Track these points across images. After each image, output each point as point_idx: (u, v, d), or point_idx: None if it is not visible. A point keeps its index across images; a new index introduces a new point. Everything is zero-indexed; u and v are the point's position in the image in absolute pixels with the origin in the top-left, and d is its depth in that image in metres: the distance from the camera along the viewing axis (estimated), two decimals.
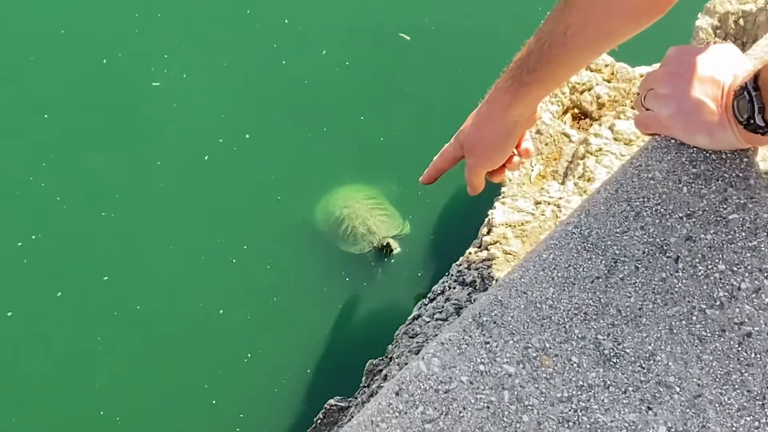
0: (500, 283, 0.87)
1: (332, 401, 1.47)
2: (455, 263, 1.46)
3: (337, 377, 1.66)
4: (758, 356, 0.78)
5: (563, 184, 1.52)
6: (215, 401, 1.66)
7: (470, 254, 1.45)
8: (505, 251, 1.39)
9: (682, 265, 0.84)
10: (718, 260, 0.83)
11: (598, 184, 1.39)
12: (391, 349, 1.43)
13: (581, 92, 1.64)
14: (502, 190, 1.54)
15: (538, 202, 1.48)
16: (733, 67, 0.87)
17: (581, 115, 1.66)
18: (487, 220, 1.49)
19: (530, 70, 0.92)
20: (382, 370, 1.42)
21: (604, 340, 0.80)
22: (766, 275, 0.82)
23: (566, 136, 1.60)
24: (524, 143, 1.09)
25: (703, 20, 1.56)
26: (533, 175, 1.56)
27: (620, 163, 1.45)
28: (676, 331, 0.80)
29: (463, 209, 1.83)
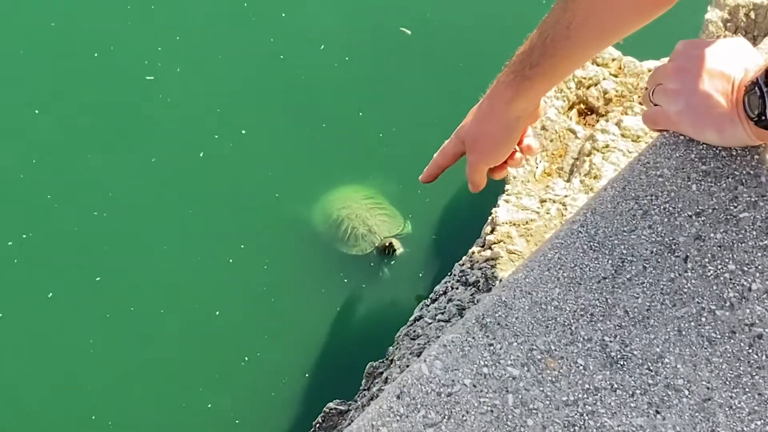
0: (504, 283, 0.87)
1: (331, 405, 1.47)
2: (458, 263, 1.46)
3: (336, 380, 1.66)
4: None
5: (569, 181, 1.53)
6: (211, 405, 1.66)
7: (473, 254, 1.45)
8: (509, 250, 1.40)
9: (691, 264, 0.84)
10: (728, 260, 0.84)
11: (604, 181, 1.40)
12: (391, 351, 1.43)
13: (587, 87, 1.64)
14: (506, 187, 1.54)
15: (543, 200, 1.48)
16: (743, 61, 0.87)
17: (587, 110, 1.66)
18: (490, 218, 1.49)
19: (533, 64, 0.92)
20: (382, 372, 1.42)
21: (610, 342, 0.81)
22: None
23: (572, 132, 1.60)
24: (526, 139, 1.09)
25: (712, 13, 1.56)
26: (538, 172, 1.56)
27: (627, 160, 1.46)
28: (684, 332, 0.81)
29: (465, 207, 1.83)
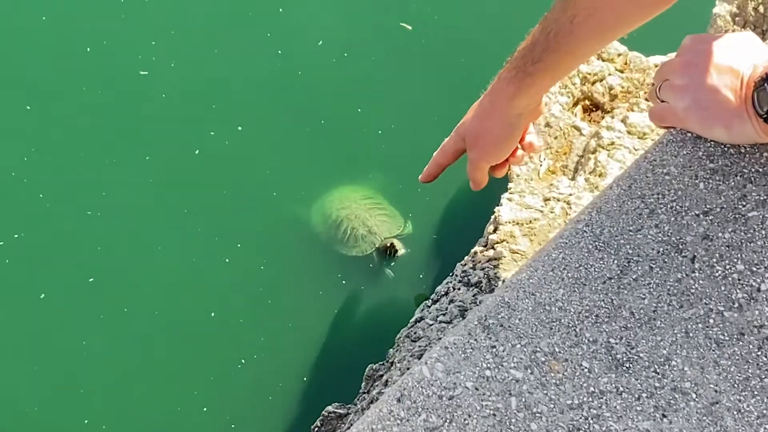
0: (507, 283, 0.87)
1: (330, 408, 1.47)
2: (460, 263, 1.46)
3: (335, 383, 1.66)
4: None
5: (573, 179, 1.53)
6: (206, 409, 1.66)
7: (476, 253, 1.45)
8: (512, 250, 1.40)
9: (698, 265, 0.84)
10: (736, 260, 0.83)
11: (610, 179, 1.40)
12: (392, 353, 1.43)
13: (592, 83, 1.64)
14: (509, 186, 1.54)
15: (547, 198, 1.48)
16: (752, 56, 0.87)
17: (592, 107, 1.66)
18: (493, 217, 1.49)
19: (535, 59, 0.92)
20: (382, 375, 1.42)
21: (616, 344, 0.81)
22: None
23: (577, 129, 1.60)
24: (528, 136, 1.09)
25: (720, 7, 1.56)
26: (542, 170, 1.56)
27: (633, 157, 1.45)
28: (692, 334, 0.80)
29: (467, 206, 1.83)
